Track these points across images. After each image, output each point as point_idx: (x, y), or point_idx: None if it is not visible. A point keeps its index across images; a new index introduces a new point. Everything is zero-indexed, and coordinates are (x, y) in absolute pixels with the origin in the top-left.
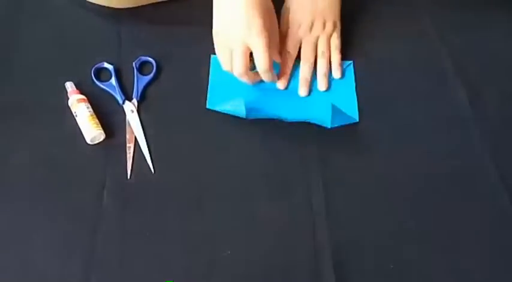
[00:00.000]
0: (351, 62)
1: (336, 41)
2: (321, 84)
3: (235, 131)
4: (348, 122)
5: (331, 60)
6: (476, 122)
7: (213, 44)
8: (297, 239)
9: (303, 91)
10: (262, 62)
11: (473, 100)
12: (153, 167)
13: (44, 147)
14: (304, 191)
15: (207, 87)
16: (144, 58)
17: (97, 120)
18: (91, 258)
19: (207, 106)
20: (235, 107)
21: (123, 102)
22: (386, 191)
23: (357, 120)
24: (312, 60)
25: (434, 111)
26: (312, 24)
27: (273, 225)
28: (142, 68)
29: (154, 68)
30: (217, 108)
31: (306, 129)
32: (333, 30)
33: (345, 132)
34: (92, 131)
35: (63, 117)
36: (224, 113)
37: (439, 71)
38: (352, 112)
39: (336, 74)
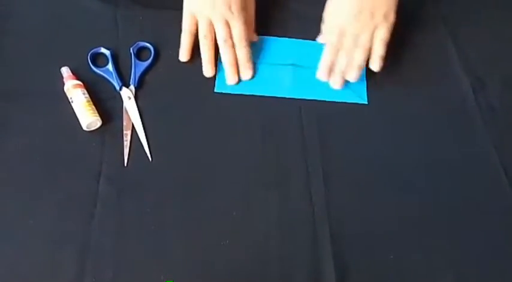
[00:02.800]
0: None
1: (382, 33)
2: (351, 74)
3: (234, 118)
4: (357, 101)
5: (373, 51)
6: (480, 111)
7: None
8: (296, 228)
9: (336, 84)
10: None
11: (477, 89)
12: (151, 155)
13: (39, 134)
14: (304, 180)
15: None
16: (142, 43)
17: (93, 107)
18: (86, 246)
19: (215, 90)
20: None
21: (120, 89)
22: (387, 180)
23: (366, 102)
24: (351, 49)
25: (438, 100)
26: (359, 13)
27: (272, 214)
28: (140, 53)
29: (152, 54)
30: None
31: (307, 119)
32: (382, 22)
33: (346, 121)
34: (88, 118)
35: (58, 103)
36: (222, 101)
37: (443, 60)
38: (361, 94)
39: (375, 66)
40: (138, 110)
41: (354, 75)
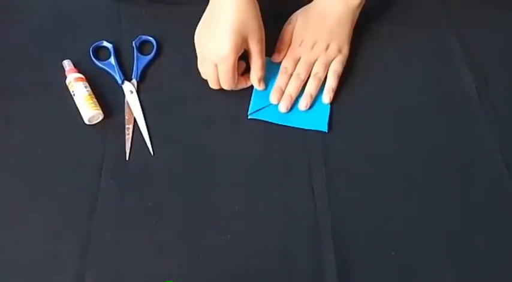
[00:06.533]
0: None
1: (336, 66)
2: (302, 103)
3: (236, 113)
4: (317, 129)
5: (326, 83)
6: (483, 109)
7: None
8: (298, 224)
9: (282, 107)
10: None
11: (481, 87)
12: (152, 149)
13: (41, 127)
14: (306, 175)
15: None
16: (144, 37)
17: (95, 100)
18: (88, 240)
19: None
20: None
21: (123, 83)
22: (389, 178)
23: (326, 130)
24: (303, 78)
25: (441, 98)
26: (315, 44)
27: (274, 209)
28: (143, 47)
29: (155, 48)
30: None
31: None
32: (337, 54)
33: (348, 118)
34: (89, 111)
35: (60, 97)
36: (225, 96)
37: (447, 57)
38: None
39: (325, 98)
40: (140, 103)
41: (304, 104)
